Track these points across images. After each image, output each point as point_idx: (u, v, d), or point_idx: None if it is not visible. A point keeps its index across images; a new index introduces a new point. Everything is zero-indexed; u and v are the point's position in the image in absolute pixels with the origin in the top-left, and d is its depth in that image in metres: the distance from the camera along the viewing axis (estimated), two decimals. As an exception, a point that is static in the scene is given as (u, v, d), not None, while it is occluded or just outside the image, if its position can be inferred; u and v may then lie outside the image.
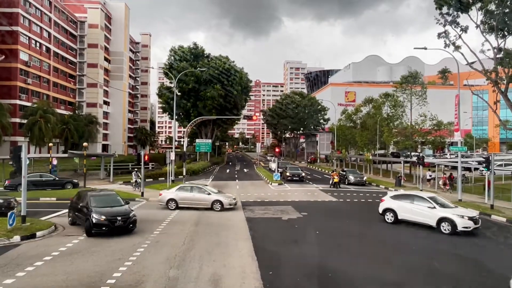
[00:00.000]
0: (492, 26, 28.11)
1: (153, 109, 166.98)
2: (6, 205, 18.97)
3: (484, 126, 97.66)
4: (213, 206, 21.20)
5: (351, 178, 37.54)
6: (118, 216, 14.76)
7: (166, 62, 65.65)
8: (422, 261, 12.62)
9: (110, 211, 14.95)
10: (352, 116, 61.85)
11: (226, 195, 22.77)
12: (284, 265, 11.78)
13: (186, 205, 21.44)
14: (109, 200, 16.13)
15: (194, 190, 22.02)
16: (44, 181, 29.11)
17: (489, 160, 23.70)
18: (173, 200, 21.56)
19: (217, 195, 21.77)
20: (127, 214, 15.17)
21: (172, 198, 21.62)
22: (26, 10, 62.33)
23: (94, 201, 15.42)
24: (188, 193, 21.76)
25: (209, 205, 21.28)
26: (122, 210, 15.32)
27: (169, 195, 21.89)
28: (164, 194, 22.15)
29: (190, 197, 21.63)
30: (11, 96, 59.04)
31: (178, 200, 21.47)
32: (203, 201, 21.41)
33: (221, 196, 21.79)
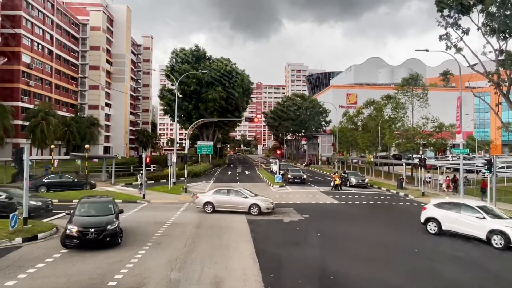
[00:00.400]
0: (494, 28, 28.10)
1: (155, 111, 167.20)
2: (45, 207, 19.30)
3: (486, 128, 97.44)
4: (250, 210, 20.51)
5: (352, 180, 37.48)
6: (92, 228, 12.89)
7: (168, 64, 65.82)
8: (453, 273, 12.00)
9: (89, 221, 13.29)
10: (353, 118, 61.81)
11: (264, 198, 22.02)
12: (286, 267, 11.76)
13: (223, 209, 20.92)
14: (98, 208, 14.56)
15: (231, 193, 21.47)
16: (63, 182, 30.14)
17: (491, 162, 23.63)
18: (209, 203, 21.10)
19: (254, 199, 21.11)
20: (104, 225, 13.13)
21: (209, 201, 21.15)
22: (29, 13, 62.58)
23: (80, 209, 14.25)
24: (225, 196, 21.22)
25: (246, 209, 20.60)
26: (102, 221, 13.36)
27: (206, 198, 21.42)
28: (201, 197, 21.73)
29: (226, 200, 21.08)
30: (13, 98, 59.22)
31: (215, 204, 20.97)
32: (240, 205, 20.81)
33: (258, 200, 21.11)
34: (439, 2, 28.84)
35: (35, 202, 18.74)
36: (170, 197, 27.62)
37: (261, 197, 22.12)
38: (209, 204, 21.07)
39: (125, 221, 18.43)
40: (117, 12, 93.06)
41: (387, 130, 47.41)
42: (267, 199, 21.97)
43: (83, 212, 14.13)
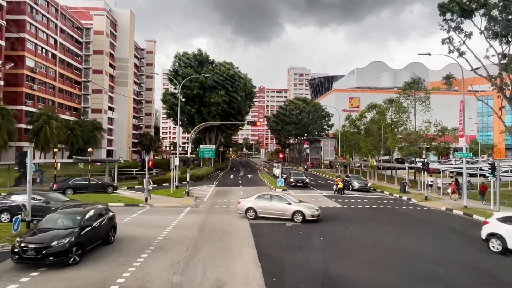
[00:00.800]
0: (496, 32, 28.10)
1: (158, 115, 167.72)
2: None
3: (489, 132, 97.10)
4: (293, 217, 19.52)
5: (355, 184, 37.37)
6: (32, 244, 11.27)
7: (170, 68, 66.03)
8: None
9: (39, 237, 11.78)
10: (356, 122, 61.76)
11: (308, 205, 20.73)
12: (288, 271, 11.72)
13: (265, 215, 20.15)
14: (64, 219, 12.83)
15: (273, 199, 20.61)
16: (88, 185, 30.92)
17: (494, 166, 23.52)
18: (251, 209, 20.33)
19: (298, 205, 20.04)
20: (47, 242, 11.38)
21: (251, 207, 20.37)
22: (33, 17, 63.11)
23: (44, 220, 12.95)
24: (267, 202, 20.35)
25: (289, 215, 19.65)
26: (47, 237, 11.70)
27: (248, 204, 20.62)
28: (243, 203, 20.92)
29: (269, 206, 20.19)
30: (17, 102, 59.59)
31: (257, 210, 20.20)
32: (283, 211, 19.88)
33: (302, 207, 19.96)
34: (442, 6, 28.89)
35: None
36: (172, 201, 27.62)
37: (305, 203, 20.99)
38: (251, 210, 20.29)
39: (127, 224, 18.48)
40: (121, 16, 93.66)
41: (390, 134, 47.33)
42: (312, 206, 20.80)
43: (44, 223, 12.75)
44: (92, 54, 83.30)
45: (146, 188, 26.83)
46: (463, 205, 25.66)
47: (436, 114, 43.85)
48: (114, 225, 15.01)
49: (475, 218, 22.27)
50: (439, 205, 27.34)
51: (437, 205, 27.27)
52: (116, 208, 22.61)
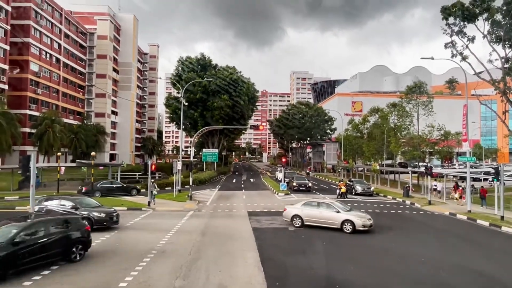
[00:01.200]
0: (500, 36, 28.08)
1: (161, 119, 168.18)
2: (108, 219, 17.93)
3: (493, 136, 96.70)
4: (342, 227, 18.37)
5: (358, 188, 37.26)
6: None
7: (174, 73, 66.34)
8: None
9: None
10: (359, 126, 61.67)
11: (359, 214, 19.46)
12: (291, 276, 11.67)
13: (312, 223, 19.15)
14: None
15: (321, 206, 19.42)
16: (114, 188, 32.80)
17: (498, 170, 23.40)
18: (298, 217, 19.35)
19: (347, 214, 18.77)
20: None
21: (297, 214, 19.40)
22: (37, 22, 63.63)
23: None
24: (315, 210, 19.28)
25: (338, 225, 18.49)
26: None
27: (294, 211, 19.65)
28: (289, 210, 19.98)
29: (316, 214, 19.12)
30: (21, 106, 59.96)
31: (303, 217, 19.21)
32: (331, 220, 18.75)
33: (352, 215, 18.68)
34: (444, 10, 28.92)
35: (98, 213, 17.73)
36: (175, 205, 27.62)
37: (356, 212, 19.69)
38: (297, 218, 19.35)
39: (129, 228, 18.51)
40: (124, 21, 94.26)
41: (393, 138, 47.19)
42: (364, 214, 19.42)
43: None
44: (96, 58, 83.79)
45: (149, 192, 26.84)
46: (467, 210, 25.51)
47: (439, 118, 43.67)
48: (82, 240, 12.74)
49: (479, 222, 22.14)
50: (443, 209, 27.20)
51: (440, 210, 27.13)
52: (119, 211, 22.63)
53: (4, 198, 29.42)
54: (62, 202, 18.58)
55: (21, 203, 23.68)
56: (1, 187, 35.22)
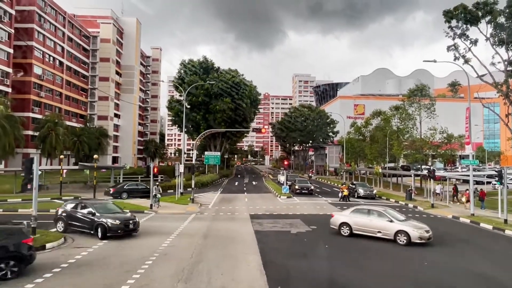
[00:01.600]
0: (502, 39, 28.04)
1: (163, 121, 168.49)
2: (123, 227, 16.59)
3: (496, 139, 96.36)
4: (396, 238, 16.58)
5: (360, 191, 37.18)
6: None
7: (176, 76, 66.50)
8: None
9: None
10: (361, 129, 61.60)
11: (416, 224, 17.38)
12: (293, 279, 11.63)
13: (362, 232, 17.71)
14: None
15: (372, 214, 17.83)
16: (139, 189, 33.87)
17: (501, 173, 23.29)
18: (346, 225, 18.08)
19: (402, 224, 16.88)
20: None
21: (345, 222, 18.14)
22: (41, 26, 63.98)
23: None
24: (364, 218, 17.80)
25: (391, 235, 16.78)
26: None
27: (342, 218, 18.41)
28: (337, 217, 18.74)
29: (366, 222, 17.63)
30: (25, 109, 60.20)
31: (352, 226, 17.87)
32: (383, 230, 17.09)
33: (407, 226, 16.76)
34: (447, 13, 28.91)
35: (113, 220, 16.45)
36: (177, 208, 27.63)
37: (412, 222, 17.65)
38: (345, 226, 18.07)
39: (132, 231, 18.49)
40: (127, 24, 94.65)
41: (395, 141, 47.11)
42: (421, 225, 17.25)
43: None
44: (99, 61, 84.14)
45: (151, 195, 26.85)
46: (470, 213, 25.39)
47: (442, 121, 43.66)
48: (17, 254, 11.08)
49: (483, 226, 22.03)
50: (446, 213, 27.09)
51: (443, 213, 27.02)
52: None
53: (7, 201, 29.50)
54: (80, 206, 17.76)
55: (23, 206, 23.73)
56: (4, 189, 35.33)
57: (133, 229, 17.08)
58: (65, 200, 31.21)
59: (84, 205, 17.76)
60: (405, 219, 17.66)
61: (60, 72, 71.06)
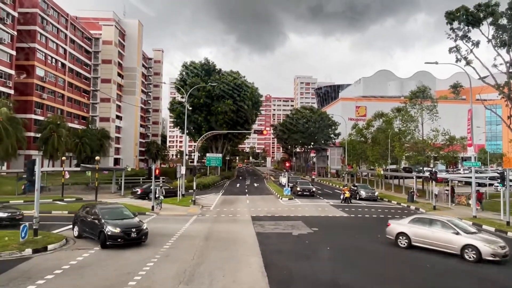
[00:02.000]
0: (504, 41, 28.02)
1: (165, 123, 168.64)
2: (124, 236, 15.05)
3: (498, 141, 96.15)
4: (463, 253, 14.31)
5: (362, 193, 37.12)
6: None
7: (178, 77, 66.60)
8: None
9: None
10: (363, 130, 61.53)
11: (487, 237, 14.94)
12: (295, 281, 11.61)
13: (422, 245, 15.67)
14: None
15: (434, 224, 15.80)
16: (164, 190, 33.96)
17: (504, 175, 23.22)
18: (404, 236, 16.24)
19: (470, 237, 14.55)
20: None
21: (403, 232, 16.31)
22: (44, 28, 64.21)
23: None
24: (425, 228, 15.79)
25: (457, 250, 14.57)
26: None
27: (399, 228, 16.61)
28: (393, 226, 17.00)
29: (427, 234, 15.56)
30: (27, 110, 60.34)
31: (411, 236, 15.98)
32: (447, 244, 14.95)
33: (477, 239, 14.39)
34: (449, 15, 28.91)
35: (113, 228, 14.98)
36: (179, 209, 27.64)
37: (482, 235, 15.22)
38: (403, 236, 16.28)
39: (134, 233, 18.48)
40: (129, 26, 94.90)
41: (397, 143, 47.02)
42: (494, 239, 14.87)
43: None
44: (101, 63, 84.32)
45: (153, 196, 26.87)
46: (472, 215, 25.31)
47: (444, 123, 43.53)
48: None
49: (485, 228, 21.94)
50: (448, 215, 26.97)
51: (445, 215, 26.90)
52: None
53: (9, 202, 29.52)
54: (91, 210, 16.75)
55: (25, 207, 23.75)
56: (7, 191, 35.42)
57: (135, 238, 15.32)
58: (66, 201, 31.34)
59: (93, 209, 16.69)
60: (475, 232, 15.35)
61: (62, 74, 71.25)
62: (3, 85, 54.84)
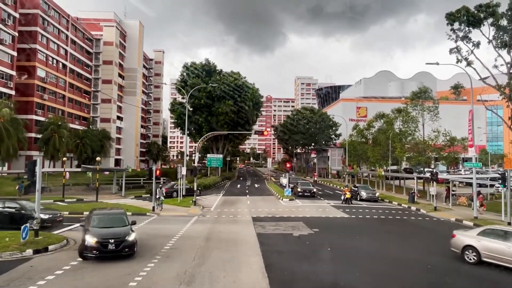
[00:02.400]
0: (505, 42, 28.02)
1: (165, 124, 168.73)
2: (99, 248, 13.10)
3: (499, 141, 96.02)
4: None
5: (363, 194, 37.09)
6: None
7: (179, 78, 66.66)
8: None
9: None
10: (363, 131, 61.50)
11: None
12: (295, 281, 11.61)
13: (495, 261, 13.20)
14: None
15: (511, 237, 13.17)
16: (185, 189, 35.98)
17: (505, 176, 23.18)
18: (472, 249, 13.92)
19: None
20: None
21: (471, 245, 13.99)
22: (45, 29, 64.33)
23: None
24: (500, 242, 13.21)
25: None
26: None
27: (466, 240, 14.27)
28: (459, 237, 14.67)
29: (503, 249, 12.98)
30: (28, 111, 60.45)
31: (481, 251, 13.59)
32: None
33: None
34: (449, 16, 28.91)
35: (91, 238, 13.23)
36: (179, 210, 27.64)
37: None
38: (471, 250, 13.95)
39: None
40: (130, 27, 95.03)
41: (398, 144, 46.99)
42: None
43: None
44: (102, 64, 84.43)
45: (154, 197, 26.87)
46: (473, 216, 25.28)
47: (444, 124, 43.47)
48: None
49: (486, 229, 21.90)
50: (449, 215, 26.98)
51: (446, 216, 26.91)
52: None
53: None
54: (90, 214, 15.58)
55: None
56: (8, 191, 35.46)
57: (113, 250, 13.13)
58: (67, 202, 31.36)
59: (91, 213, 15.57)
60: None
61: (63, 74, 71.36)
62: (4, 86, 54.95)
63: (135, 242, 13.86)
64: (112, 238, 13.33)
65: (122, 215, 15.56)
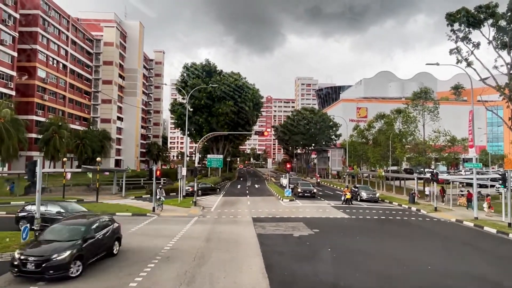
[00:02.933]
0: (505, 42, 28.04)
1: (166, 124, 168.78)
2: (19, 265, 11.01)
3: (499, 142, 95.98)
4: None
5: (363, 194, 37.07)
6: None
7: (179, 79, 66.69)
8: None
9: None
10: (364, 132, 61.50)
11: None
12: (296, 282, 11.61)
13: None
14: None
15: None
16: (208, 187, 42.40)
17: (505, 177, 23.17)
18: None
19: None
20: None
21: None
22: (45, 29, 64.41)
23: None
24: None
25: None
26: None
27: None
28: None
29: None
30: (28, 111, 60.54)
31: None
32: None
33: None
34: (449, 17, 28.94)
35: (17, 254, 11.34)
36: (180, 210, 27.64)
37: None
38: None
39: (134, 234, 18.52)
40: (130, 28, 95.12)
41: (398, 144, 46.99)
42: None
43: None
44: (102, 65, 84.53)
45: (154, 197, 26.87)
46: (474, 217, 25.27)
47: (445, 124, 43.49)
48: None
49: (486, 229, 21.92)
50: (449, 216, 26.97)
51: (446, 216, 26.90)
52: (124, 217, 22.74)
53: (10, 203, 29.63)
54: None
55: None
56: (8, 192, 35.50)
57: (33, 271, 10.86)
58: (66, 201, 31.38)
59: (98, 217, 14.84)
60: None
61: (64, 75, 71.44)
62: (4, 86, 55.00)
63: (67, 261, 11.12)
64: (33, 256, 11.08)
65: (85, 226, 12.89)
